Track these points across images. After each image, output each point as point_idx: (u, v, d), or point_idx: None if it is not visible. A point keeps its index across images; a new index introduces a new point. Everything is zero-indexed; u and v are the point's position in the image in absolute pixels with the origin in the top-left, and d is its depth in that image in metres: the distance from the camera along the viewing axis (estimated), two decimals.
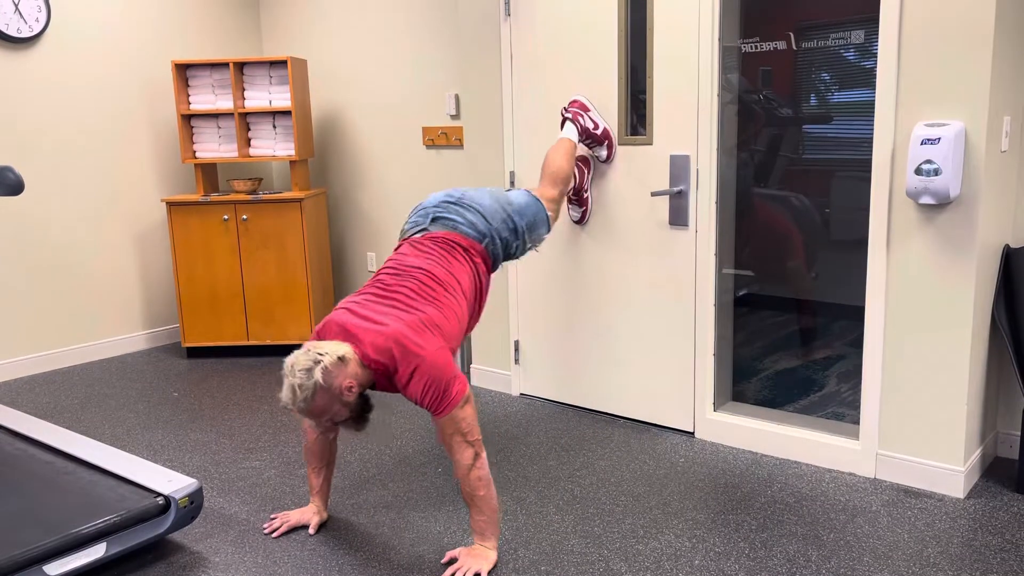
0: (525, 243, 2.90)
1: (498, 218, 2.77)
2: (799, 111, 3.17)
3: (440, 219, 2.72)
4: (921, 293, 2.77)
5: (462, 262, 2.62)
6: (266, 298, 4.66)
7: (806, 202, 3.26)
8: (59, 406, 3.98)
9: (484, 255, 2.72)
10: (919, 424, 2.84)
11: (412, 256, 2.60)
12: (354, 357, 2.30)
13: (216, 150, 4.75)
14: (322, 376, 2.22)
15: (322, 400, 2.26)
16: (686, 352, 3.36)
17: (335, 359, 2.25)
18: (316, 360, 2.24)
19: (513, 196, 2.90)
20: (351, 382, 2.28)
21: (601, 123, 3.38)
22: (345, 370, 2.27)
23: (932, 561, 2.41)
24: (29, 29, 4.30)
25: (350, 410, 2.36)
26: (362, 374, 2.32)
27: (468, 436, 2.35)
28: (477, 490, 2.38)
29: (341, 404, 2.31)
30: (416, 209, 2.81)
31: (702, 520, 2.70)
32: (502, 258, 2.83)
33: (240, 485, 3.06)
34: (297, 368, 2.24)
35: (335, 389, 2.26)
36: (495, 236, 2.75)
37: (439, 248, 2.63)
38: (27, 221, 4.44)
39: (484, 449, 2.41)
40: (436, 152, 4.62)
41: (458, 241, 2.66)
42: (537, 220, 2.92)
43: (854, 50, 2.97)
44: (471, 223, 2.71)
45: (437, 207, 2.75)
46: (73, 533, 2.33)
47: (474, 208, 2.74)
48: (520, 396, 3.94)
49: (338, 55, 5.00)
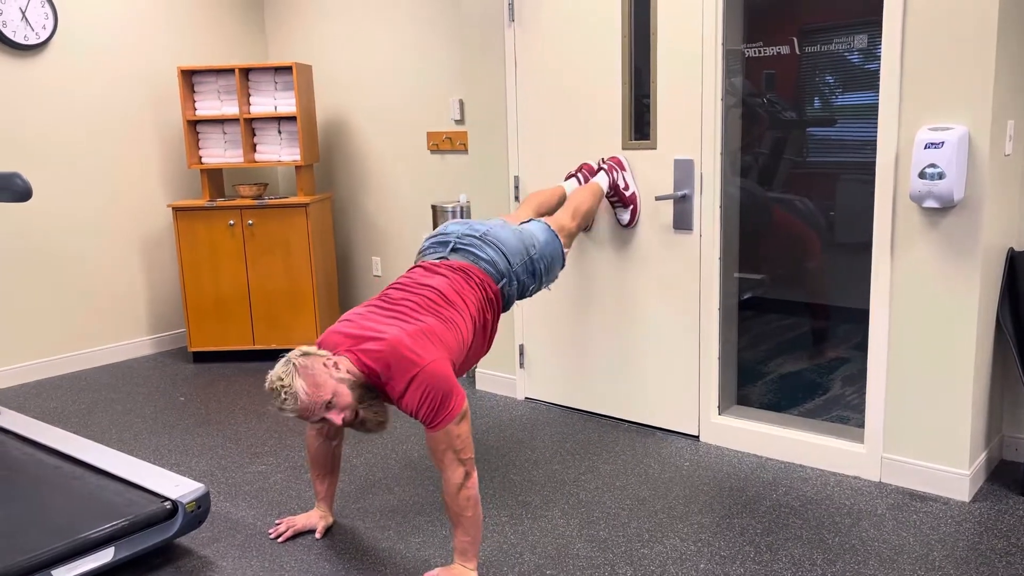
0: (541, 284, 2.84)
1: (519, 259, 2.71)
2: (803, 115, 3.18)
3: (461, 250, 2.66)
4: (925, 296, 2.77)
5: (475, 289, 2.56)
6: (272, 303, 4.68)
7: (810, 205, 3.26)
8: (66, 411, 4.00)
9: (498, 295, 2.65)
10: (924, 428, 2.84)
11: (423, 276, 2.55)
12: (344, 363, 2.26)
13: (222, 155, 4.77)
14: (297, 360, 2.20)
15: (309, 382, 2.18)
16: (691, 356, 3.36)
17: (301, 351, 2.24)
18: (305, 352, 2.24)
19: (534, 230, 2.84)
20: (331, 360, 2.24)
21: (632, 186, 3.36)
22: (323, 359, 2.23)
23: (937, 565, 2.41)
24: (36, 36, 4.33)
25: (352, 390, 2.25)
26: (352, 378, 2.25)
27: (461, 454, 2.27)
28: (465, 510, 2.30)
29: (335, 382, 2.22)
30: (435, 234, 2.76)
31: (707, 524, 2.70)
32: (516, 299, 2.77)
33: (246, 489, 3.08)
34: (274, 372, 2.22)
35: (317, 367, 2.21)
36: (513, 277, 2.68)
37: (454, 274, 2.56)
38: (34, 227, 4.46)
39: (476, 469, 2.32)
40: (440, 157, 4.64)
41: (475, 273, 2.59)
42: (555, 259, 2.86)
43: (858, 54, 2.98)
44: (492, 261, 2.64)
45: (459, 239, 2.69)
46: (81, 537, 2.34)
47: (496, 246, 2.67)
48: (525, 400, 3.95)
49: (343, 61, 5.03)
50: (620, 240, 3.50)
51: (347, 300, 5.36)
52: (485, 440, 3.46)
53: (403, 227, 4.94)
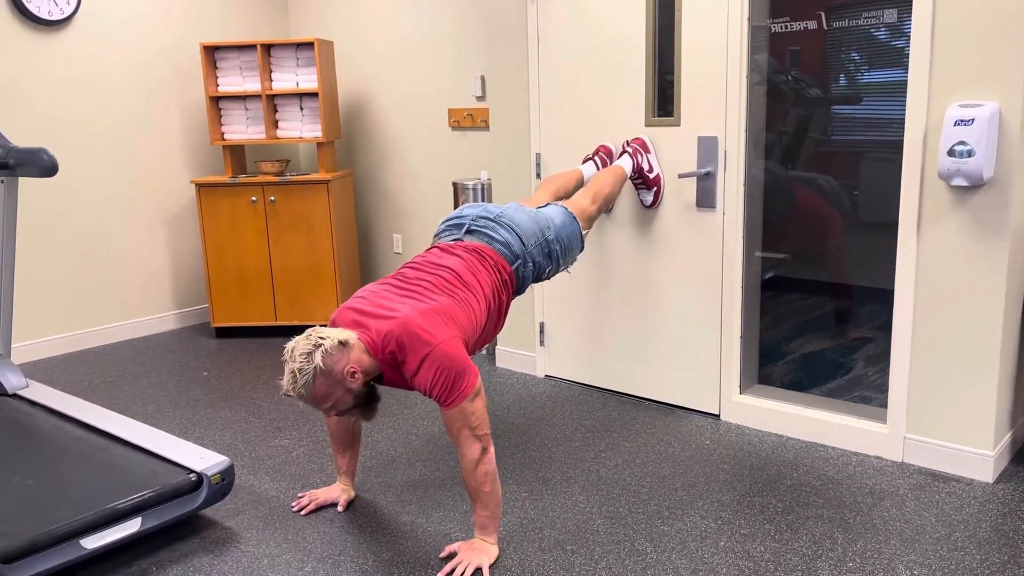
0: (559, 266, 2.83)
1: (533, 241, 2.70)
2: (829, 92, 3.13)
3: (475, 232, 2.67)
4: (952, 276, 2.74)
5: (489, 271, 2.56)
6: (294, 279, 4.70)
7: (835, 184, 3.23)
8: (92, 384, 4.06)
9: (512, 276, 2.65)
10: (948, 408, 2.82)
11: (438, 257, 2.56)
12: (358, 343, 2.26)
13: (244, 132, 4.79)
14: (322, 360, 2.17)
15: (323, 385, 2.20)
16: (712, 335, 3.35)
17: (336, 343, 2.20)
18: (316, 344, 2.19)
19: (551, 213, 2.83)
20: (354, 367, 2.22)
21: (656, 168, 3.33)
22: (347, 355, 2.22)
23: (960, 545, 2.40)
24: (60, 11, 4.35)
25: (354, 398, 2.30)
26: (367, 361, 2.27)
27: (477, 430, 2.28)
28: (483, 485, 2.32)
29: (344, 390, 2.25)
30: (450, 217, 2.76)
31: (727, 502, 2.70)
32: (531, 281, 2.76)
33: (269, 463, 3.11)
34: (297, 352, 2.19)
35: (336, 374, 2.21)
36: (527, 259, 2.68)
37: (468, 254, 2.57)
38: (59, 203, 4.51)
39: (492, 444, 2.34)
40: (462, 134, 4.63)
41: (489, 254, 2.60)
42: (572, 242, 2.84)
43: (886, 29, 2.93)
44: (506, 242, 2.64)
45: (474, 221, 2.69)
46: (109, 508, 2.38)
47: (511, 228, 2.67)
48: (545, 378, 3.95)
49: (364, 37, 5.01)
50: (642, 218, 3.48)
51: (368, 276, 5.38)
52: (505, 417, 3.47)
53: (424, 204, 4.94)
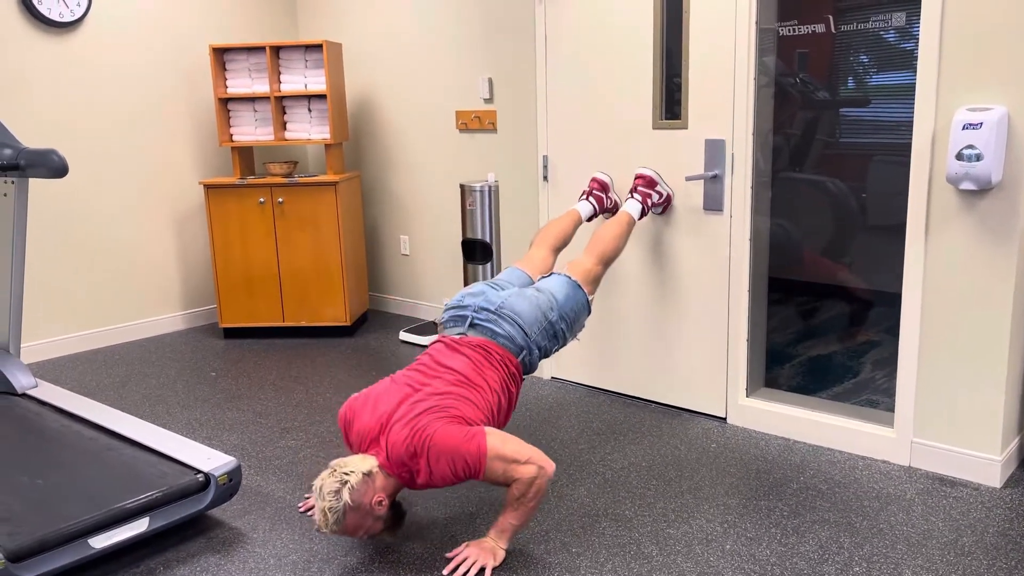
0: (566, 340, 2.83)
1: (537, 328, 2.70)
2: (837, 94, 3.13)
3: (478, 326, 2.68)
4: (960, 280, 2.74)
5: (496, 367, 2.58)
6: (301, 280, 4.72)
7: (842, 187, 3.22)
8: (101, 384, 4.08)
9: (519, 368, 2.67)
10: (955, 412, 2.82)
11: (445, 357, 2.57)
12: (379, 470, 2.31)
13: (252, 133, 4.80)
14: (350, 496, 2.22)
15: (353, 519, 2.25)
16: (719, 338, 3.35)
17: (360, 477, 2.25)
18: (343, 481, 2.23)
19: (554, 288, 2.81)
20: (380, 495, 2.28)
21: (666, 191, 3.33)
22: (373, 485, 2.27)
23: (967, 550, 2.39)
24: (71, 13, 4.37)
25: (384, 521, 2.36)
26: (389, 484, 2.32)
27: (518, 460, 2.29)
28: (529, 500, 2.33)
29: (373, 519, 2.30)
30: (452, 306, 2.77)
31: (733, 505, 2.70)
32: (539, 361, 2.77)
33: (276, 464, 3.12)
34: (325, 491, 2.23)
35: (365, 507, 2.26)
36: (532, 347, 2.69)
37: (474, 352, 2.58)
38: (69, 204, 4.53)
39: (549, 462, 2.33)
40: (469, 136, 4.63)
41: (495, 350, 2.61)
42: (579, 313, 2.84)
43: (895, 32, 2.92)
44: (509, 336, 2.65)
45: (476, 313, 2.69)
46: (117, 507, 2.39)
47: (513, 320, 2.67)
48: (552, 380, 3.96)
49: (372, 39, 5.02)
50: (649, 220, 3.48)
51: (375, 278, 5.39)
52: (512, 420, 3.48)
53: (431, 206, 4.95)
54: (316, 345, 4.64)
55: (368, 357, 4.38)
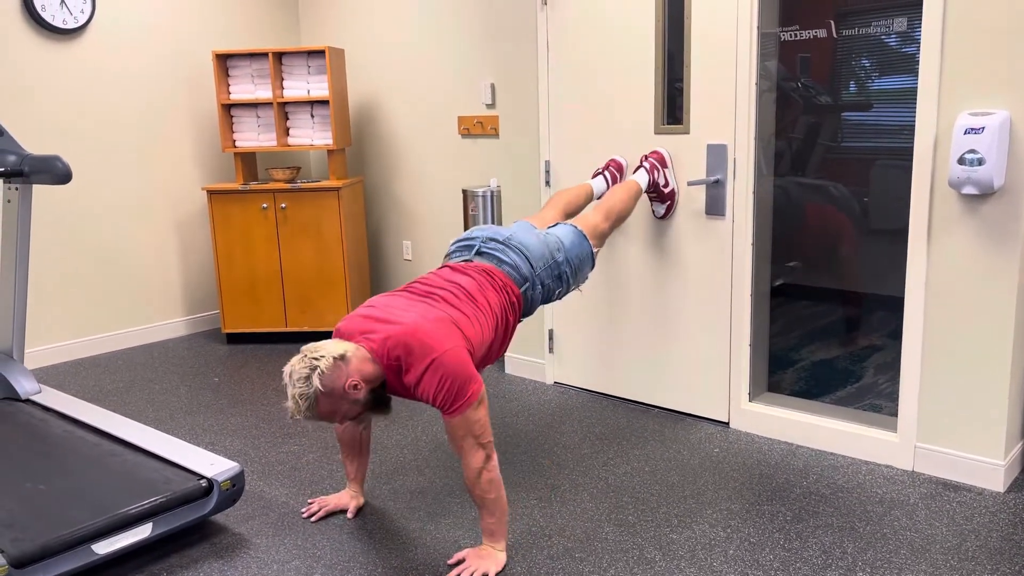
0: (569, 287, 2.83)
1: (543, 263, 2.71)
2: (838, 99, 3.13)
3: (485, 254, 2.68)
4: (963, 284, 2.73)
5: (498, 291, 2.57)
6: (304, 285, 4.72)
7: (844, 191, 3.22)
8: (104, 389, 4.08)
9: (520, 298, 2.66)
10: (959, 417, 2.81)
11: (448, 274, 2.58)
12: (357, 352, 2.25)
13: (255, 139, 4.82)
14: (320, 381, 2.17)
15: (326, 404, 2.21)
16: (722, 342, 3.35)
17: (331, 361, 2.19)
18: (312, 366, 2.18)
19: (561, 234, 2.83)
20: (354, 379, 2.22)
21: (672, 183, 3.34)
22: (345, 369, 2.21)
23: (970, 555, 2.39)
24: (75, 20, 4.39)
25: (362, 406, 2.30)
26: (369, 370, 2.26)
27: (480, 438, 2.29)
28: (487, 493, 2.33)
29: (349, 403, 2.25)
30: (461, 238, 2.78)
31: (736, 510, 2.70)
32: (540, 303, 2.76)
33: (280, 469, 3.13)
34: (295, 377, 2.18)
35: (338, 391, 2.20)
36: (536, 281, 2.69)
37: (478, 274, 2.58)
38: (73, 209, 4.55)
39: (495, 451, 2.33)
40: (472, 141, 4.64)
41: (498, 275, 2.61)
42: (583, 261, 2.84)
43: (896, 37, 2.93)
44: (514, 264, 2.65)
45: (484, 243, 2.70)
46: (120, 513, 2.40)
47: (520, 251, 2.68)
48: (554, 385, 3.96)
49: (375, 45, 5.04)
50: (651, 225, 3.48)
51: (378, 283, 5.39)
52: (514, 424, 3.48)
53: (434, 211, 4.95)
54: None
55: None
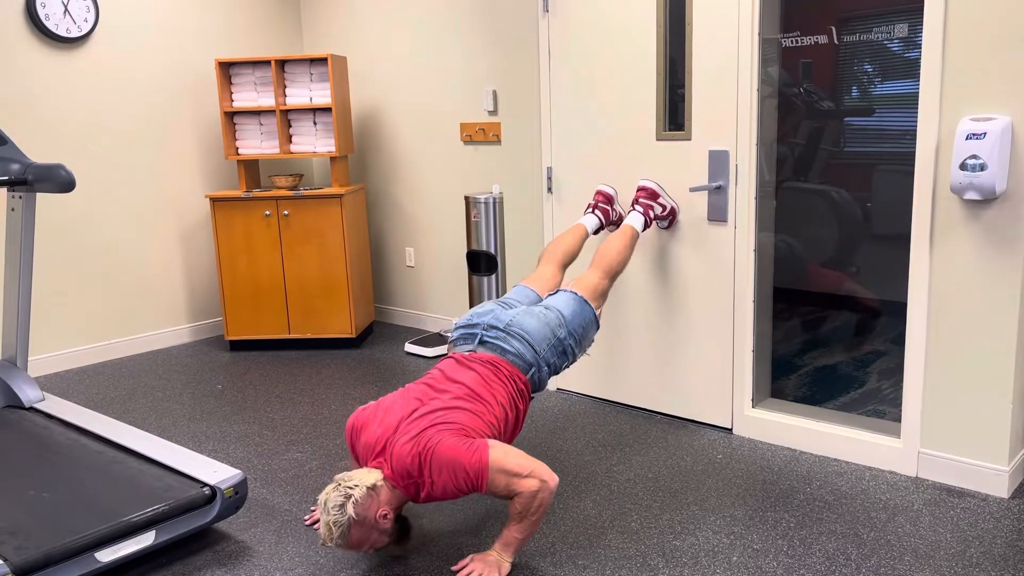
0: (576, 357, 2.84)
1: (546, 345, 2.71)
2: (840, 104, 3.13)
3: (488, 344, 2.69)
4: (965, 289, 2.73)
5: (504, 383, 2.58)
6: (307, 292, 4.73)
7: (846, 196, 3.22)
8: (107, 397, 4.09)
9: (527, 385, 2.66)
10: (963, 423, 2.81)
11: (455, 371, 2.58)
12: (384, 483, 2.30)
13: (258, 147, 4.83)
14: (354, 510, 2.22)
15: (357, 533, 2.25)
16: (725, 348, 3.34)
17: (365, 491, 2.25)
18: (347, 495, 2.23)
19: (561, 305, 2.81)
20: (385, 509, 2.28)
21: (669, 204, 3.33)
22: (377, 499, 2.27)
23: (975, 561, 2.38)
24: (78, 29, 4.41)
25: (389, 535, 2.35)
26: (394, 497, 2.32)
27: (521, 473, 2.28)
28: (532, 513, 2.31)
29: (378, 533, 2.30)
30: (462, 324, 2.78)
31: (740, 517, 2.69)
32: (548, 379, 2.77)
33: (283, 476, 3.12)
34: (330, 505, 2.23)
35: (369, 520, 2.26)
36: (541, 364, 2.69)
37: (483, 368, 2.59)
38: (76, 217, 4.56)
39: (552, 475, 2.31)
40: (474, 148, 4.65)
41: (504, 366, 2.62)
42: (587, 328, 2.84)
43: (898, 43, 2.93)
44: (518, 353, 2.66)
45: (486, 331, 2.71)
46: (124, 521, 2.39)
47: (522, 337, 2.68)
48: (557, 391, 3.96)
49: (377, 52, 5.05)
50: (654, 232, 3.48)
51: (380, 290, 5.40)
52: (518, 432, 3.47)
53: (436, 218, 4.96)
54: (321, 357, 4.65)
55: (374, 369, 4.39)
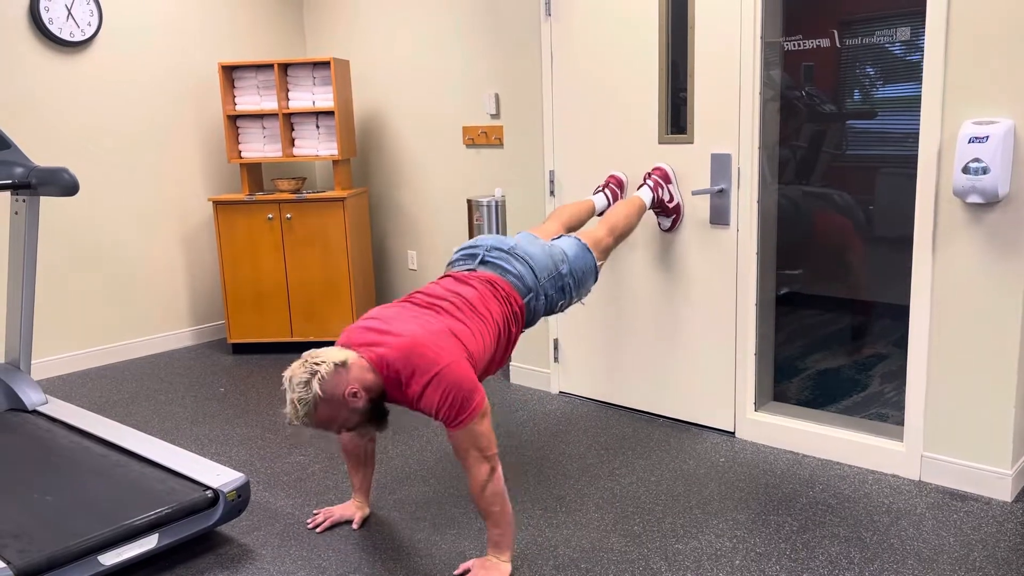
0: (572, 299, 2.82)
1: (547, 275, 2.68)
2: (842, 107, 3.14)
3: (489, 263, 2.66)
4: (968, 293, 2.73)
5: (501, 302, 2.55)
6: (309, 295, 4.73)
7: (849, 199, 3.22)
8: (110, 400, 4.09)
9: (523, 309, 2.64)
10: (966, 426, 2.80)
11: (451, 284, 2.56)
12: (358, 361, 2.24)
13: (261, 150, 4.84)
14: (320, 387, 2.15)
15: (325, 411, 2.19)
16: (727, 351, 3.34)
17: (332, 367, 2.18)
18: (313, 371, 2.17)
19: (564, 246, 2.81)
20: (354, 387, 2.20)
21: (677, 197, 3.33)
22: (346, 376, 2.20)
23: (978, 565, 2.38)
24: (82, 33, 4.42)
25: (360, 415, 2.27)
26: (370, 379, 2.25)
27: (485, 451, 2.27)
28: (492, 506, 2.31)
29: (348, 411, 2.23)
30: (465, 246, 2.76)
31: (743, 520, 2.69)
32: (543, 314, 2.75)
33: (285, 480, 3.13)
34: (295, 382, 2.17)
35: (337, 397, 2.18)
36: (540, 292, 2.67)
37: (481, 284, 2.56)
38: (80, 220, 4.57)
39: (500, 463, 2.32)
40: (476, 151, 4.65)
41: (502, 286, 2.59)
42: (586, 274, 2.82)
43: (900, 46, 2.93)
44: (519, 275, 2.63)
45: (488, 251, 2.68)
46: (126, 524, 2.40)
47: (525, 260, 2.66)
48: (559, 394, 3.96)
49: (380, 56, 5.06)
50: (656, 235, 3.48)
51: (383, 293, 5.40)
52: (519, 434, 3.48)
53: (439, 221, 4.96)
54: None
55: None
